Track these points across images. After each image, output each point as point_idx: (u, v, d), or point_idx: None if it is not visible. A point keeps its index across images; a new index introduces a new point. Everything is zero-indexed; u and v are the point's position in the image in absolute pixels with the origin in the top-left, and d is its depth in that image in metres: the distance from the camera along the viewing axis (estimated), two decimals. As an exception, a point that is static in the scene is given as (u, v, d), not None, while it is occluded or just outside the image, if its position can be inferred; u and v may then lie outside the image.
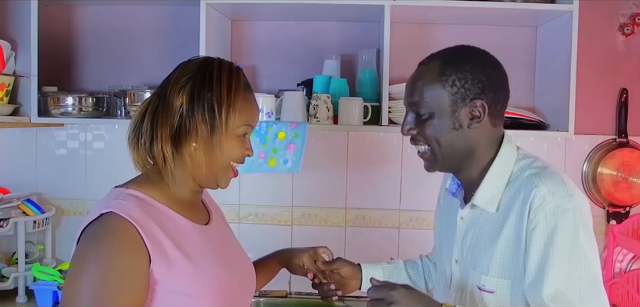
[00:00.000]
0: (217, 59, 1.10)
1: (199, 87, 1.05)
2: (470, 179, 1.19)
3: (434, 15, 1.96)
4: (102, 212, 0.98)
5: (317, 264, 1.44)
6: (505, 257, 1.12)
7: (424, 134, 1.15)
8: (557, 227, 1.04)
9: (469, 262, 1.20)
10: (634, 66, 2.07)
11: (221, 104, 1.04)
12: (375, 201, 2.14)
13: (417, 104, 1.15)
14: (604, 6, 2.05)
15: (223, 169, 1.10)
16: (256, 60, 2.13)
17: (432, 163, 1.18)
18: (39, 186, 2.19)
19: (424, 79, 1.14)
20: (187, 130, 1.04)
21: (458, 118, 1.12)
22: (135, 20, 2.15)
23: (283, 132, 1.78)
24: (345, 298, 2.12)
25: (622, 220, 2.08)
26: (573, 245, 1.03)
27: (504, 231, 1.12)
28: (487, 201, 1.15)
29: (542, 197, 1.05)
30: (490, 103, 1.12)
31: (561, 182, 1.08)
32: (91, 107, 1.94)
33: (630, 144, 2.07)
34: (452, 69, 1.12)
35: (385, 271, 1.50)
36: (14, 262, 2.07)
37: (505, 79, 1.16)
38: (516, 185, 1.12)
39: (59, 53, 2.15)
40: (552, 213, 1.04)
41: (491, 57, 1.16)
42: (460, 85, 1.11)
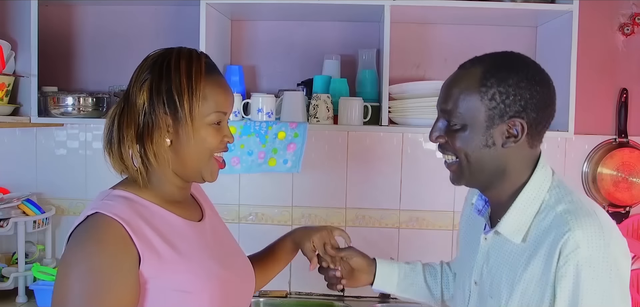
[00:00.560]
0: (176, 49, 1.06)
1: (157, 81, 1.02)
2: (498, 199, 1.10)
3: (434, 15, 1.96)
4: (88, 214, 0.97)
5: (325, 247, 1.39)
6: (526, 295, 1.02)
7: (453, 145, 1.06)
8: (588, 281, 0.94)
9: (487, 289, 1.12)
10: (634, 66, 2.07)
11: (182, 94, 1.01)
12: (375, 201, 2.14)
13: (450, 113, 1.05)
14: (604, 6, 2.05)
15: (205, 161, 1.07)
16: (256, 60, 2.13)
17: (458, 176, 1.09)
18: (39, 186, 2.19)
19: (461, 86, 1.04)
20: (152, 128, 1.01)
21: (492, 135, 1.02)
22: (135, 20, 2.15)
23: (283, 132, 1.78)
24: (345, 298, 2.12)
25: (622, 220, 2.08)
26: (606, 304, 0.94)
27: (530, 268, 1.02)
28: (513, 231, 1.05)
29: (576, 244, 0.95)
30: (531, 123, 1.02)
31: (598, 229, 0.96)
32: (91, 107, 1.94)
33: (630, 144, 2.07)
34: (494, 80, 1.01)
35: (401, 272, 1.41)
36: (14, 262, 2.07)
37: (552, 98, 1.05)
38: (548, 218, 1.02)
39: (59, 53, 2.15)
40: (585, 264, 0.94)
41: (541, 72, 1.05)
42: (500, 100, 1.00)
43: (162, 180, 1.07)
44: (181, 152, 1.04)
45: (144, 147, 1.02)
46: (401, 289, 1.41)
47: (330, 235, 1.40)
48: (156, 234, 1.00)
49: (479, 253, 1.15)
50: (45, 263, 2.09)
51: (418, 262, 1.45)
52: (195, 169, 1.07)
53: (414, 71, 2.11)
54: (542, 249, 1.01)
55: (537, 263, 1.01)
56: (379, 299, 2.13)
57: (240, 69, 1.95)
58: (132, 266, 0.95)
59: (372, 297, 2.14)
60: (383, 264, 1.40)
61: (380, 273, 1.39)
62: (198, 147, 1.04)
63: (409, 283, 1.41)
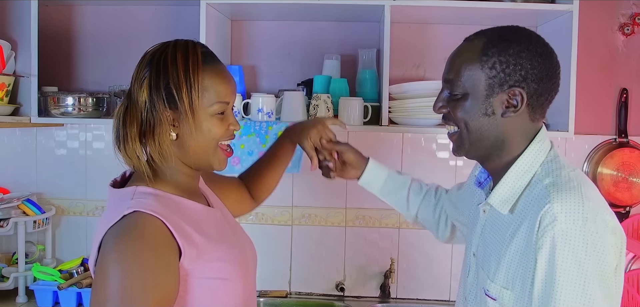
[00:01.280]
0: (172, 42, 1.06)
1: (156, 77, 1.01)
2: (496, 171, 1.10)
3: (434, 15, 1.96)
4: (125, 213, 0.95)
5: (321, 141, 1.42)
6: (511, 268, 1.03)
7: (454, 114, 1.07)
8: (564, 254, 0.93)
9: (480, 261, 1.14)
10: (634, 66, 2.07)
11: (180, 88, 1.00)
12: (375, 201, 2.12)
13: (452, 82, 1.07)
14: (604, 6, 2.05)
15: (211, 151, 1.07)
16: (256, 60, 2.13)
17: (458, 146, 1.11)
18: (39, 186, 2.19)
19: (464, 57, 1.06)
20: (154, 124, 1.01)
21: (492, 104, 1.04)
22: (135, 20, 2.15)
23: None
24: (345, 298, 2.12)
25: (622, 220, 2.08)
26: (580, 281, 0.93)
27: (515, 240, 1.03)
28: (502, 202, 1.06)
29: (553, 216, 0.95)
30: (532, 94, 1.02)
31: (579, 202, 0.95)
32: (91, 107, 1.94)
33: (630, 144, 2.07)
34: (495, 50, 1.02)
35: (389, 179, 1.48)
36: (14, 262, 2.07)
37: (555, 70, 1.05)
38: (535, 191, 1.02)
39: (59, 53, 2.15)
40: (561, 237, 0.94)
41: (544, 44, 1.05)
42: (500, 69, 1.02)
43: (175, 171, 1.07)
44: (187, 144, 1.04)
45: (147, 144, 1.02)
46: (383, 193, 1.49)
47: (325, 128, 1.43)
48: (190, 225, 1.01)
49: (478, 225, 1.17)
50: (45, 263, 2.09)
51: (409, 177, 1.51)
52: (203, 159, 1.07)
53: (414, 71, 2.11)
54: (525, 222, 1.01)
55: (521, 235, 1.02)
56: (379, 299, 2.13)
57: (240, 69, 1.95)
58: (174, 261, 0.96)
59: (372, 298, 2.14)
60: (373, 166, 1.46)
61: (369, 173, 1.46)
62: (203, 138, 1.05)
63: (391, 190, 1.48)
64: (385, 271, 2.13)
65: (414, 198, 1.49)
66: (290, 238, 2.16)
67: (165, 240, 0.95)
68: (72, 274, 2.03)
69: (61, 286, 1.93)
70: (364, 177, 1.47)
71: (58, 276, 1.99)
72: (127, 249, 0.91)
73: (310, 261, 2.16)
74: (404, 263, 2.14)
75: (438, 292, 2.14)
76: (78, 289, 1.93)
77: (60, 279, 1.98)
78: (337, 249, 2.16)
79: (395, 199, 1.50)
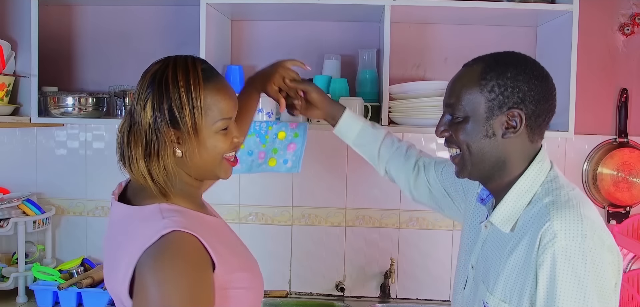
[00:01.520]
0: (172, 60, 1.05)
1: (158, 99, 1.01)
2: (497, 191, 1.14)
3: (434, 15, 1.96)
4: (163, 233, 0.94)
5: (285, 82, 1.45)
6: (509, 282, 1.07)
7: (456, 137, 1.12)
8: (564, 271, 0.97)
9: (480, 274, 1.18)
10: (634, 66, 2.07)
11: (182, 109, 1.00)
12: (375, 201, 2.14)
13: (453, 106, 1.11)
14: (604, 6, 2.05)
15: (217, 165, 1.08)
16: (256, 60, 2.13)
17: (461, 169, 1.14)
18: (39, 186, 2.19)
19: (463, 82, 1.11)
20: (158, 146, 1.01)
21: (492, 126, 1.08)
22: (135, 20, 2.15)
23: (283, 132, 1.78)
24: (345, 298, 2.12)
25: (622, 220, 2.08)
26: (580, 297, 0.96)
27: (514, 255, 1.06)
28: (503, 220, 1.10)
29: (554, 234, 0.99)
30: (530, 115, 1.07)
31: (578, 220, 0.99)
32: (91, 107, 1.94)
33: (630, 144, 2.07)
34: (493, 74, 1.07)
35: (363, 132, 1.50)
36: (14, 262, 2.07)
37: (551, 92, 1.10)
38: (535, 209, 1.06)
39: (59, 53, 2.15)
40: (561, 254, 0.98)
41: (539, 68, 1.10)
42: (499, 92, 1.06)
43: (183, 184, 1.08)
44: (193, 161, 1.05)
45: (152, 164, 1.02)
46: (356, 144, 1.52)
47: (286, 69, 1.46)
48: (214, 239, 1.01)
49: (479, 239, 1.21)
50: (45, 263, 2.09)
51: (383, 131, 1.53)
52: (209, 172, 1.09)
53: (414, 71, 2.11)
54: (525, 239, 1.05)
55: (519, 252, 1.06)
56: (379, 299, 2.13)
57: (240, 69, 1.94)
58: (211, 276, 0.97)
59: (372, 298, 2.14)
60: (348, 117, 1.49)
61: (343, 123, 1.49)
62: (208, 154, 1.06)
63: (364, 143, 1.51)
64: (385, 271, 2.13)
65: (385, 152, 1.51)
66: (290, 238, 2.16)
67: (202, 257, 0.96)
68: (72, 274, 2.03)
69: (61, 286, 1.93)
70: (338, 127, 1.50)
71: (58, 276, 1.99)
72: (171, 269, 0.91)
73: (310, 261, 2.16)
74: (404, 263, 2.14)
75: (438, 292, 2.14)
76: (78, 289, 1.92)
77: (60, 279, 1.98)
78: (337, 249, 2.16)
79: (366, 153, 1.53)
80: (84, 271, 2.07)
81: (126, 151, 1.03)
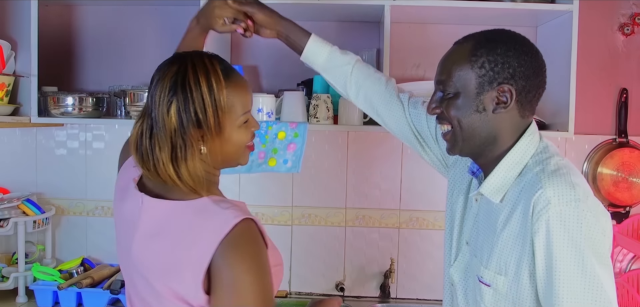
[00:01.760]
0: (189, 60, 1.05)
1: (183, 103, 1.01)
2: (488, 165, 1.15)
3: (434, 15, 1.96)
4: (234, 222, 0.97)
5: (229, 4, 1.38)
6: (503, 254, 1.09)
7: (447, 113, 1.12)
8: (560, 236, 0.98)
9: (474, 249, 1.19)
10: (634, 66, 2.07)
11: (206, 111, 1.02)
12: (375, 201, 2.14)
13: (444, 83, 1.12)
14: (604, 6, 2.05)
15: (240, 154, 1.12)
16: (256, 60, 2.13)
17: (452, 145, 1.15)
18: (39, 186, 2.19)
19: (454, 58, 1.12)
20: (185, 149, 1.02)
21: (482, 101, 1.09)
22: (135, 20, 2.15)
23: (283, 132, 1.78)
24: (345, 298, 2.12)
25: (622, 220, 2.08)
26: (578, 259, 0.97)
27: (507, 227, 1.08)
28: (493, 191, 1.12)
29: (547, 201, 1.00)
30: (520, 90, 1.08)
31: (569, 186, 1.01)
32: (91, 107, 1.94)
33: (630, 144, 2.07)
34: (484, 50, 1.08)
35: (332, 54, 1.43)
36: (14, 262, 2.07)
37: (541, 68, 1.11)
38: (525, 179, 1.08)
39: (59, 53, 2.15)
40: (556, 219, 0.99)
41: (529, 44, 1.11)
42: (489, 68, 1.07)
43: (208, 175, 1.09)
44: (217, 156, 1.07)
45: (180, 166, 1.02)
46: (325, 68, 1.45)
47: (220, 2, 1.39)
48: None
49: (470, 214, 1.22)
50: (45, 263, 2.09)
51: (353, 59, 1.44)
52: (233, 161, 1.13)
53: (414, 71, 2.11)
54: (518, 209, 1.07)
55: (514, 222, 1.07)
56: (379, 299, 2.13)
57: (240, 69, 1.94)
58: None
59: (372, 297, 2.14)
60: (314, 42, 1.43)
61: (310, 48, 1.43)
62: (233, 147, 1.08)
63: (334, 66, 1.44)
64: (385, 271, 2.13)
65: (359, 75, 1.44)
66: (290, 238, 2.16)
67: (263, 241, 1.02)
68: (72, 274, 2.03)
69: (61, 286, 1.93)
70: (305, 53, 1.44)
71: (58, 276, 1.99)
72: (254, 255, 0.98)
73: (310, 261, 2.16)
74: (403, 263, 2.14)
75: (438, 292, 2.14)
76: (78, 289, 1.92)
77: (60, 279, 1.98)
78: (337, 249, 2.16)
79: (334, 78, 1.46)
80: (83, 271, 2.07)
81: (149, 155, 1.03)
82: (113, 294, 1.90)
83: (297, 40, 1.44)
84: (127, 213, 1.08)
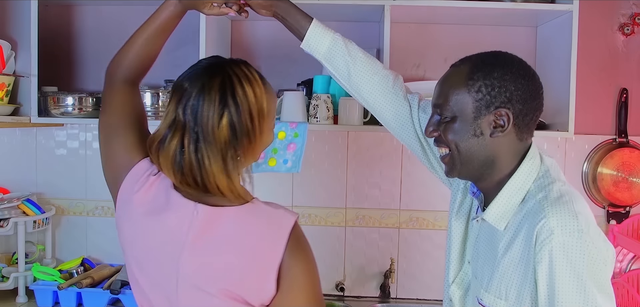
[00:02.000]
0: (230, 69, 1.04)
1: (236, 114, 1.01)
2: (489, 189, 1.15)
3: (434, 15, 1.96)
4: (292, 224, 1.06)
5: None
6: (504, 279, 1.08)
7: (445, 137, 1.12)
8: (562, 266, 0.99)
9: (474, 270, 1.19)
10: (634, 66, 2.07)
11: (253, 120, 1.03)
12: (375, 201, 2.14)
13: (441, 106, 1.12)
14: (604, 6, 2.05)
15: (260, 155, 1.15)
16: (256, 60, 2.13)
17: (451, 168, 1.15)
18: (39, 186, 2.19)
19: (451, 82, 1.11)
20: (237, 157, 1.04)
21: (480, 125, 1.08)
22: (135, 20, 2.11)
23: (283, 132, 1.78)
24: (345, 298, 2.12)
25: (622, 220, 2.08)
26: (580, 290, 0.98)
27: (509, 253, 1.08)
28: (497, 218, 1.11)
29: (550, 230, 1.00)
30: (517, 114, 1.08)
31: (572, 216, 1.00)
32: (91, 107, 1.94)
33: (630, 144, 2.07)
34: (480, 74, 1.08)
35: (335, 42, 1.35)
36: (14, 262, 2.07)
37: (538, 91, 1.11)
38: (528, 206, 1.08)
39: (59, 53, 2.15)
40: (559, 250, 0.99)
41: (526, 67, 1.11)
42: (486, 92, 1.07)
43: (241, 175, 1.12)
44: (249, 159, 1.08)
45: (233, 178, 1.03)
46: (325, 58, 1.38)
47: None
48: None
49: (471, 234, 1.22)
50: (45, 263, 2.09)
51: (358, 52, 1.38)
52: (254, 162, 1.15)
53: (414, 71, 2.11)
54: (520, 235, 1.06)
55: (515, 248, 1.07)
56: (379, 299, 2.13)
57: (240, 69, 1.94)
58: None
59: (372, 297, 2.14)
60: (315, 31, 1.35)
61: (310, 37, 1.35)
62: (261, 150, 1.11)
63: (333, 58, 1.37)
64: (385, 271, 2.13)
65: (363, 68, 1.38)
66: (290, 238, 2.16)
67: None
68: (72, 274, 2.03)
69: (61, 286, 1.93)
70: (305, 43, 1.37)
71: (58, 276, 1.99)
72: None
73: (310, 261, 2.16)
74: (404, 263, 2.14)
75: (438, 292, 2.14)
76: (78, 289, 1.92)
77: (60, 279, 1.98)
78: (337, 249, 2.15)
79: (340, 64, 1.37)
80: (83, 271, 2.07)
81: (197, 168, 1.01)
82: (113, 294, 1.90)
83: (295, 24, 1.37)
84: (171, 225, 1.04)
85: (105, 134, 1.18)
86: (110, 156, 1.16)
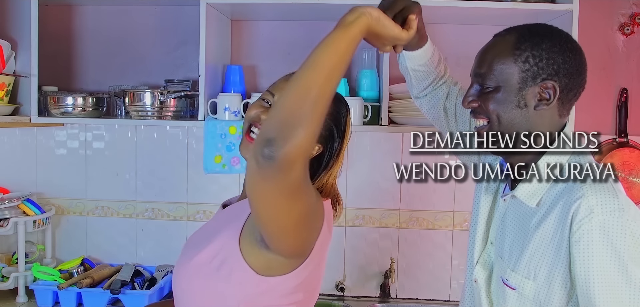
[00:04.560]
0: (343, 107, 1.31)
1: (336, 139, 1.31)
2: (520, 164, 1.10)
3: (434, 15, 1.96)
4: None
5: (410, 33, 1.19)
6: (534, 258, 1.05)
7: (486, 107, 1.07)
8: (602, 246, 0.96)
9: (499, 250, 1.16)
10: (634, 66, 2.07)
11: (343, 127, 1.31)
12: (375, 201, 2.14)
13: (484, 76, 1.08)
14: (604, 6, 2.05)
15: None
16: (256, 60, 2.13)
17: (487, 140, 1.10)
18: (39, 186, 2.19)
19: (496, 51, 1.07)
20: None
21: (524, 96, 1.05)
22: (135, 20, 2.15)
23: (283, 132, 1.78)
24: (345, 298, 2.12)
25: (622, 220, 2.08)
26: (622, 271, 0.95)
27: (540, 231, 1.05)
28: (529, 195, 1.07)
29: (590, 209, 0.97)
30: (563, 88, 1.04)
31: (613, 194, 0.98)
32: (91, 107, 1.94)
33: (630, 144, 2.07)
34: (528, 44, 1.04)
35: (432, 58, 1.34)
36: (14, 262, 2.07)
37: (583, 67, 1.07)
38: (562, 183, 1.04)
39: (59, 53, 2.15)
40: (599, 229, 0.96)
41: (573, 41, 1.08)
42: (533, 63, 1.03)
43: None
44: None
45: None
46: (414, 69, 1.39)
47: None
48: None
49: (497, 214, 1.18)
50: (45, 263, 2.09)
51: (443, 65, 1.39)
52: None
53: (414, 71, 2.10)
54: (553, 213, 1.03)
55: (547, 226, 1.04)
56: (379, 299, 2.13)
57: (240, 69, 1.95)
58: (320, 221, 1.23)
59: (372, 297, 2.14)
60: (429, 47, 1.33)
61: (424, 49, 1.32)
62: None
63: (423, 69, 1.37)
64: (385, 271, 2.13)
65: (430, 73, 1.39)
66: (290, 238, 2.16)
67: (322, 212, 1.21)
68: (72, 274, 2.03)
69: (61, 285, 1.93)
70: (417, 52, 1.33)
71: (58, 276, 1.99)
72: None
73: (310, 261, 2.16)
74: (404, 263, 2.14)
75: (438, 292, 2.14)
76: (78, 289, 1.92)
77: (60, 279, 1.98)
78: (337, 249, 2.15)
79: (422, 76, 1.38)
80: (83, 270, 2.07)
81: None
82: (113, 294, 1.90)
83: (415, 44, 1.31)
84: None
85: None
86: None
